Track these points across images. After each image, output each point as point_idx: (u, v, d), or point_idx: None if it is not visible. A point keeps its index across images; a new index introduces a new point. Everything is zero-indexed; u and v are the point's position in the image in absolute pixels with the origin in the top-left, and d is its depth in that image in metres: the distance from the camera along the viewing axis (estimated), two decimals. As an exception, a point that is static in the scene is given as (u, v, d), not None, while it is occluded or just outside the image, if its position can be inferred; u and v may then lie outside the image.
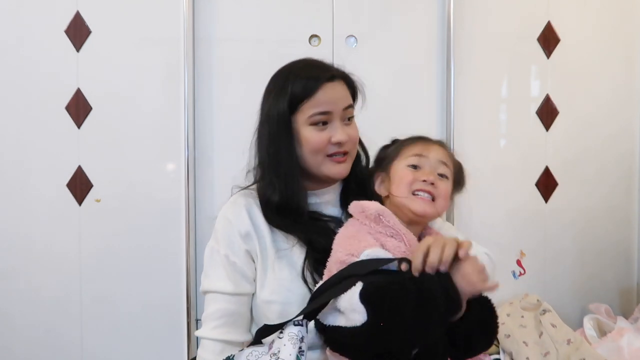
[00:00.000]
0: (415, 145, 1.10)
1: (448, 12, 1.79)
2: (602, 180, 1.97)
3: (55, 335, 1.70)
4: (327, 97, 1.11)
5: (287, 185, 1.12)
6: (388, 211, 1.04)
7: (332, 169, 1.13)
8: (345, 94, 1.15)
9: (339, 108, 1.12)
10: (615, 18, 1.95)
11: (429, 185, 1.04)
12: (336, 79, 1.14)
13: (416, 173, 1.06)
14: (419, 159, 1.08)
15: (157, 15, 1.70)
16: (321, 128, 1.11)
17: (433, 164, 1.08)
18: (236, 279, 1.12)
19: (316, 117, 1.10)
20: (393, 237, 1.02)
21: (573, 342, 1.55)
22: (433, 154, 1.09)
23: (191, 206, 1.69)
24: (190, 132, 1.69)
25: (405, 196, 1.05)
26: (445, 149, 1.13)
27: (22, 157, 1.67)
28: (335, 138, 1.10)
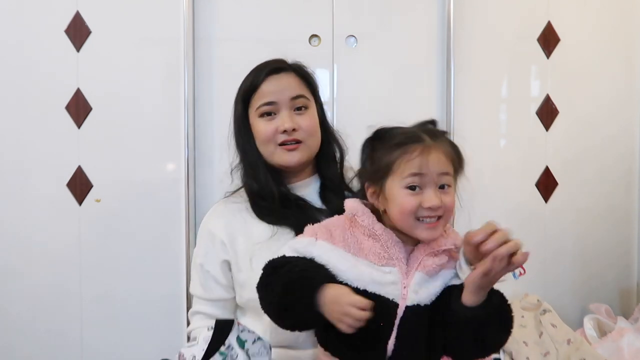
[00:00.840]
0: (412, 160, 0.97)
1: (448, 12, 1.79)
2: (602, 180, 1.97)
3: (55, 335, 1.71)
4: (271, 88, 1.17)
5: (257, 175, 1.19)
6: (364, 210, 1.01)
7: (282, 157, 1.17)
8: (294, 84, 1.19)
9: (285, 97, 1.16)
10: (615, 18, 1.95)
11: (434, 211, 0.97)
12: (283, 71, 1.19)
13: (418, 197, 0.96)
14: (418, 178, 0.97)
15: (157, 15, 1.70)
16: (269, 118, 1.17)
17: (435, 179, 0.97)
18: (209, 286, 1.22)
19: (262, 108, 1.17)
20: (371, 237, 0.99)
21: (573, 342, 1.55)
22: (433, 168, 0.97)
23: (191, 206, 1.69)
24: (190, 132, 1.69)
25: (409, 225, 0.97)
26: (443, 150, 1.01)
27: (22, 157, 1.68)
28: (283, 126, 1.15)
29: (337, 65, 1.78)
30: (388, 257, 0.98)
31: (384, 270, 0.97)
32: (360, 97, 1.79)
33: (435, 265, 1.00)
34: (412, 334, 0.97)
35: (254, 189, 1.21)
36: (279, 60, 1.22)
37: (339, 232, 1.01)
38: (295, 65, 1.23)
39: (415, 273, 0.98)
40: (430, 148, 0.98)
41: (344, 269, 0.97)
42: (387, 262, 0.98)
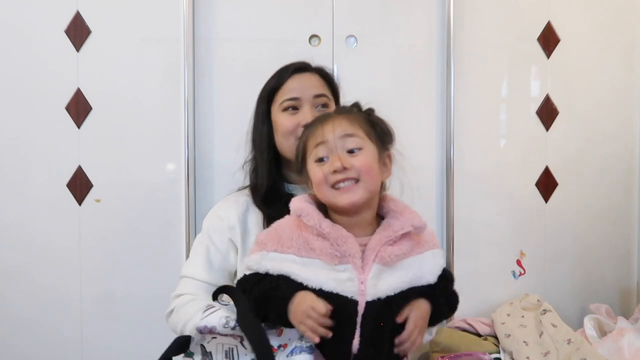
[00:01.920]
0: (314, 133, 0.99)
1: (448, 12, 1.79)
2: (602, 180, 1.97)
3: (55, 335, 1.70)
4: (296, 85, 1.23)
5: (268, 170, 1.24)
6: (309, 209, 0.98)
7: None
8: (317, 83, 1.25)
9: (309, 95, 1.22)
10: (615, 18, 1.95)
11: (342, 173, 0.95)
12: (307, 70, 1.27)
13: (324, 167, 0.96)
14: (321, 148, 0.97)
15: (157, 15, 1.70)
16: (292, 113, 1.22)
17: (337, 144, 0.97)
18: (213, 270, 1.23)
19: (286, 103, 1.22)
20: (320, 237, 0.96)
21: (573, 342, 1.55)
22: (330, 134, 0.97)
23: (191, 206, 1.69)
24: (190, 132, 1.69)
25: (328, 196, 0.97)
26: (346, 117, 1.00)
27: (22, 157, 1.67)
28: (304, 121, 1.18)
29: (337, 65, 1.78)
30: (340, 255, 0.95)
31: (338, 269, 0.94)
32: (360, 97, 1.77)
33: (394, 255, 0.96)
34: (375, 329, 0.94)
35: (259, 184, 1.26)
36: (304, 62, 1.29)
37: (288, 235, 0.98)
38: (319, 67, 1.30)
39: (373, 266, 0.95)
40: (330, 118, 1.00)
41: (300, 273, 0.95)
42: (340, 261, 0.95)
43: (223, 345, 0.96)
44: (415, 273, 0.98)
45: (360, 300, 0.93)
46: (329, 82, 1.29)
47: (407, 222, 0.99)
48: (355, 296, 0.93)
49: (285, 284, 0.96)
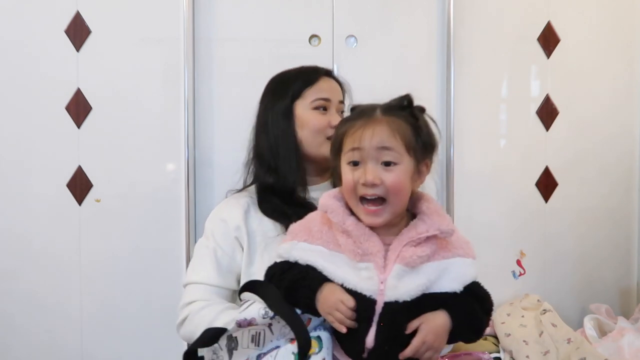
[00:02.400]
0: (353, 134, 0.94)
1: (448, 12, 1.79)
2: (602, 180, 1.97)
3: (55, 335, 1.70)
4: (327, 86, 1.28)
5: (285, 165, 1.22)
6: (335, 206, 0.97)
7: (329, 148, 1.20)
8: (339, 91, 1.32)
9: (336, 99, 1.29)
10: (615, 18, 1.95)
11: (371, 188, 0.92)
12: (332, 77, 1.32)
13: (355, 173, 0.94)
14: (356, 153, 0.93)
15: (157, 15, 1.70)
16: (322, 112, 1.25)
17: (372, 154, 0.92)
18: (222, 272, 1.21)
19: (318, 102, 1.25)
20: (344, 234, 0.95)
21: (573, 342, 1.55)
22: (368, 142, 0.92)
23: (191, 206, 1.69)
24: (190, 132, 1.69)
25: (354, 204, 0.96)
26: (389, 124, 0.94)
27: (22, 157, 1.68)
28: (334, 121, 1.22)
29: (337, 65, 1.78)
30: (362, 253, 0.93)
31: (360, 266, 0.93)
32: (360, 97, 1.78)
33: (416, 256, 0.92)
34: (391, 330, 0.92)
35: (268, 183, 1.23)
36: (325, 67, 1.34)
37: (317, 228, 0.99)
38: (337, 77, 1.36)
39: (394, 266, 0.92)
40: (372, 122, 0.94)
41: (325, 266, 0.95)
42: (362, 258, 0.94)
43: (249, 330, 0.97)
44: (438, 277, 0.94)
45: (378, 300, 0.92)
46: (344, 92, 1.35)
47: (434, 225, 0.95)
48: (374, 295, 0.92)
49: (314, 273, 0.96)
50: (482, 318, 0.99)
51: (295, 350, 0.94)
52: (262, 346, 0.97)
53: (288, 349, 0.95)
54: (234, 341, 0.98)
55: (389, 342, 0.93)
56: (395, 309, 0.91)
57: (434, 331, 0.92)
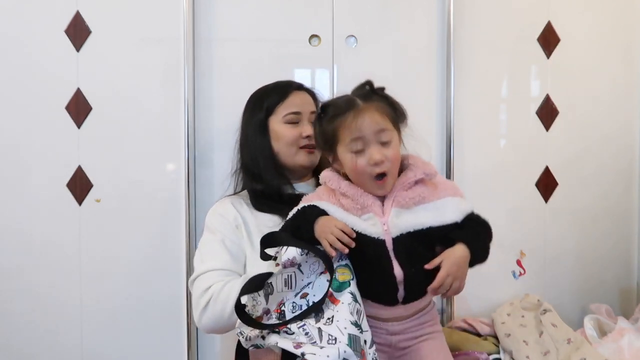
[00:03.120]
0: (349, 127, 1.08)
1: (448, 12, 1.79)
2: (602, 180, 1.97)
3: (55, 335, 1.70)
4: (297, 101, 1.38)
5: (267, 175, 1.35)
6: (332, 176, 1.14)
7: (304, 158, 1.37)
8: (311, 101, 1.42)
9: (307, 111, 1.38)
10: (615, 18, 1.95)
11: (381, 166, 1.07)
12: (303, 89, 1.42)
13: (364, 157, 1.08)
14: (360, 142, 1.08)
15: (157, 15, 1.70)
16: (294, 125, 1.36)
17: (374, 138, 1.07)
18: (234, 258, 1.30)
19: (289, 116, 1.36)
20: (343, 196, 1.11)
21: (573, 342, 1.55)
22: (368, 129, 1.07)
23: (191, 206, 1.69)
24: (190, 132, 1.70)
25: (366, 182, 1.10)
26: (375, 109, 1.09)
27: (22, 157, 1.68)
28: (306, 132, 1.35)
29: (337, 65, 1.78)
30: (361, 207, 1.09)
31: (363, 218, 1.09)
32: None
33: (408, 198, 1.09)
34: (411, 259, 1.07)
35: (258, 189, 1.36)
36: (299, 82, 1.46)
37: (326, 196, 1.15)
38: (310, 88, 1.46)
39: (392, 210, 1.08)
40: (362, 111, 1.08)
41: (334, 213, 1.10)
42: (362, 212, 1.09)
43: (282, 274, 1.06)
44: (435, 214, 1.10)
45: (386, 238, 1.07)
46: (316, 101, 1.43)
47: (419, 170, 1.12)
48: (381, 236, 1.07)
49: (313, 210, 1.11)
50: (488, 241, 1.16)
51: (328, 278, 1.04)
52: (295, 287, 1.07)
53: (322, 279, 1.06)
54: (269, 287, 1.05)
55: (414, 265, 1.07)
56: (404, 240, 1.07)
57: (456, 262, 1.05)
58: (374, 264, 1.08)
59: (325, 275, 1.06)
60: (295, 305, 1.05)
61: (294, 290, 1.07)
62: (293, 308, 1.05)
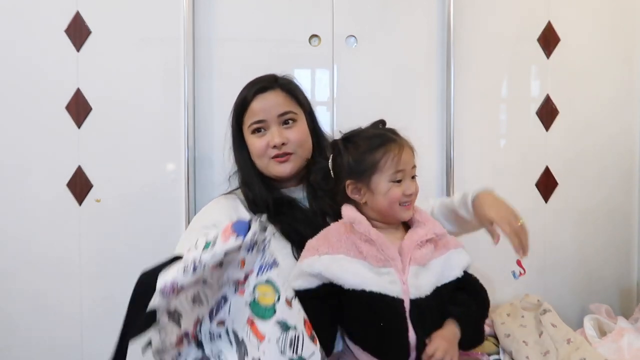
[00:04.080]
0: (395, 158, 1.13)
1: (448, 12, 1.79)
2: (602, 180, 1.97)
3: (55, 335, 1.70)
4: (259, 107, 1.28)
5: (251, 186, 1.30)
6: (360, 218, 1.13)
7: (275, 169, 1.29)
8: (281, 101, 1.28)
9: (273, 115, 1.27)
10: (615, 18, 1.95)
11: (411, 197, 1.15)
12: (269, 89, 1.29)
13: (401, 188, 1.14)
14: (400, 174, 1.14)
15: (157, 15, 1.70)
16: (260, 134, 1.28)
17: (410, 172, 1.15)
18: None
19: (253, 126, 1.28)
20: (367, 242, 1.11)
21: (573, 342, 1.55)
22: (409, 164, 1.15)
23: (191, 206, 1.69)
24: (190, 132, 1.69)
25: (397, 210, 1.15)
26: (409, 146, 1.17)
27: (22, 157, 1.67)
28: (272, 142, 1.26)
29: (337, 65, 1.78)
30: (384, 258, 1.10)
31: (381, 271, 1.09)
32: (360, 97, 1.79)
33: (423, 256, 1.13)
34: (424, 325, 1.07)
35: (249, 197, 1.31)
36: (267, 79, 1.32)
37: (336, 238, 1.13)
38: (283, 80, 1.32)
39: (410, 268, 1.10)
40: (403, 147, 1.15)
41: (348, 277, 1.08)
42: (384, 264, 1.09)
43: (185, 295, 0.87)
44: (444, 269, 1.15)
45: (405, 298, 1.07)
46: (294, 95, 1.31)
47: (431, 230, 1.17)
48: (400, 295, 1.07)
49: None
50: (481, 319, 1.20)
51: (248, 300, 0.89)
52: (208, 303, 0.89)
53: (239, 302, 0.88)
54: (176, 313, 0.87)
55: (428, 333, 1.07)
56: (421, 304, 1.07)
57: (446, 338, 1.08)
58: (387, 325, 1.06)
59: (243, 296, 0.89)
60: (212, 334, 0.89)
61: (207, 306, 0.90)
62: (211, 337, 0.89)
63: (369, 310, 1.06)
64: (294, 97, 1.32)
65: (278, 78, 1.33)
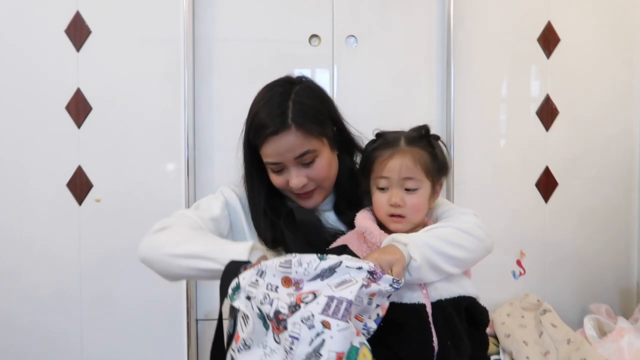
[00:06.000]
0: (381, 164, 1.08)
1: (448, 12, 1.79)
2: (602, 180, 1.97)
3: (55, 335, 1.71)
4: (274, 150, 1.09)
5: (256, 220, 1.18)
6: (372, 228, 1.07)
7: (301, 202, 1.17)
8: (297, 142, 1.08)
9: (290, 158, 1.10)
10: (615, 18, 1.95)
11: (397, 209, 1.06)
12: (282, 130, 1.07)
13: (385, 196, 1.08)
14: (385, 180, 1.08)
15: (157, 15, 1.70)
16: (279, 173, 1.13)
17: (398, 182, 1.07)
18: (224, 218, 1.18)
19: (270, 166, 1.13)
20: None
21: (573, 342, 1.55)
22: (396, 173, 1.06)
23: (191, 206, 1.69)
24: (190, 132, 1.69)
25: (383, 219, 1.09)
26: (412, 156, 1.07)
27: (22, 157, 1.68)
28: (291, 184, 1.12)
29: (337, 65, 1.78)
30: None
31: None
32: (360, 97, 1.79)
33: None
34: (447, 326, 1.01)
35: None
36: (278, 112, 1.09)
37: (357, 247, 1.06)
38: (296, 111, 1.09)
39: None
40: (398, 153, 1.07)
41: None
42: None
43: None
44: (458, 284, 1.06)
45: (426, 302, 1.01)
46: (310, 131, 1.09)
47: None
48: (421, 300, 1.00)
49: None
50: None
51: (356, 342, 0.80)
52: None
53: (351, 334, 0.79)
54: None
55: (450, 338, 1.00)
56: (443, 307, 1.01)
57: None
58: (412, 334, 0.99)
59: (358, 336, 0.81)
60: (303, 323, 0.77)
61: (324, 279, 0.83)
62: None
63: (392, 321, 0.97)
64: (311, 133, 1.10)
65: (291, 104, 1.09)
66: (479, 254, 1.08)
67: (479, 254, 1.08)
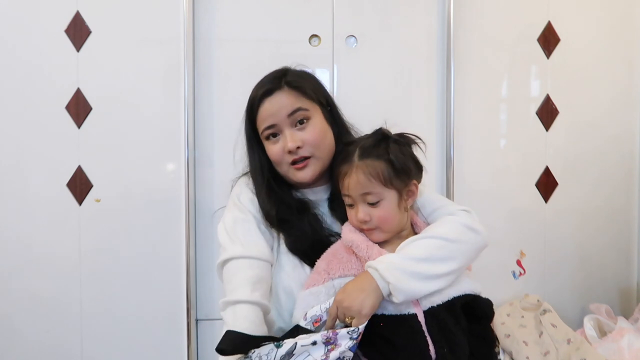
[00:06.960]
0: (341, 182, 1.08)
1: (448, 12, 1.79)
2: (602, 180, 1.97)
3: (55, 335, 1.71)
4: (267, 111, 1.16)
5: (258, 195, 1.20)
6: (359, 241, 1.06)
7: (296, 175, 1.17)
8: (289, 101, 1.15)
9: (283, 117, 1.15)
10: (616, 18, 1.95)
11: (364, 224, 1.06)
12: (275, 91, 1.16)
13: (352, 212, 1.08)
14: (348, 198, 1.08)
15: (157, 15, 1.70)
16: (275, 140, 1.17)
17: (359, 198, 1.06)
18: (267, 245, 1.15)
19: (266, 132, 1.17)
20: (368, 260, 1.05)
21: (573, 342, 1.55)
22: (353, 191, 1.06)
23: (191, 206, 1.69)
24: (190, 132, 1.70)
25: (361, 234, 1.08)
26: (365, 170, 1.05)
27: (22, 157, 1.68)
28: (286, 147, 1.14)
29: (337, 65, 1.78)
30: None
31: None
32: (360, 97, 1.79)
33: None
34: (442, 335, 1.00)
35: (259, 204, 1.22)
36: (274, 76, 1.19)
37: (347, 258, 1.08)
38: (291, 76, 1.18)
39: None
40: (351, 170, 1.06)
41: None
42: None
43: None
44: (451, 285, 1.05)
45: (417, 311, 1.00)
46: (302, 90, 1.17)
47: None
48: (412, 310, 1.00)
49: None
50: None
51: None
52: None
53: None
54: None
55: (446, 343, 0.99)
56: (437, 313, 1.00)
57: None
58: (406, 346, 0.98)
59: None
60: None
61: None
62: None
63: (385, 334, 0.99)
64: (303, 92, 1.17)
65: (287, 72, 1.20)
66: (470, 256, 1.08)
67: (469, 256, 1.07)
